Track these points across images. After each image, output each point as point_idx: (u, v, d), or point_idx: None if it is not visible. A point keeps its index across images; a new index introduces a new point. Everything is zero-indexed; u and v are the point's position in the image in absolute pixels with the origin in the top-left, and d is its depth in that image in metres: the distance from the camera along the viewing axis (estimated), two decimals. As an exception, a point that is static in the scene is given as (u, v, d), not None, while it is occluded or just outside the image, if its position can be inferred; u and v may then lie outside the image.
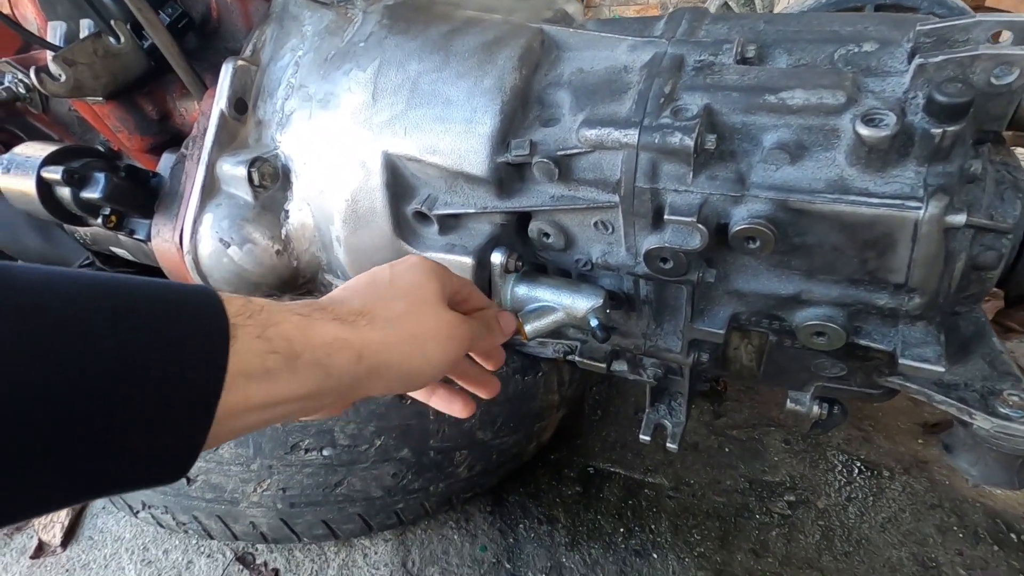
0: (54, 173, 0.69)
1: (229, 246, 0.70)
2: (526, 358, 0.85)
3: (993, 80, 0.48)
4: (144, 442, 0.28)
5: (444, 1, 0.73)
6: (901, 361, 0.58)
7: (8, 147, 1.12)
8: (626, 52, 0.64)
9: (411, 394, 0.52)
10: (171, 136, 0.92)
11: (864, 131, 0.49)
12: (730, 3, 2.58)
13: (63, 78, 0.73)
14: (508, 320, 0.56)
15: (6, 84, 1.02)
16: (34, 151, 0.73)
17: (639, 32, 0.68)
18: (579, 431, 1.11)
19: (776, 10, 2.15)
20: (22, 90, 1.02)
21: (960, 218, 0.49)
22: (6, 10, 1.14)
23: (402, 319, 0.41)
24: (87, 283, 0.28)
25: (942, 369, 0.56)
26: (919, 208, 0.49)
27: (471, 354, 0.56)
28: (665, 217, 0.57)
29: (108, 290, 0.28)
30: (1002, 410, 0.58)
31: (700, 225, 0.55)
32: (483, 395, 0.56)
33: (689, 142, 0.54)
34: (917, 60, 0.50)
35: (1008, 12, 0.54)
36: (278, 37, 0.74)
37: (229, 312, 0.31)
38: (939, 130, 0.48)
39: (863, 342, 0.61)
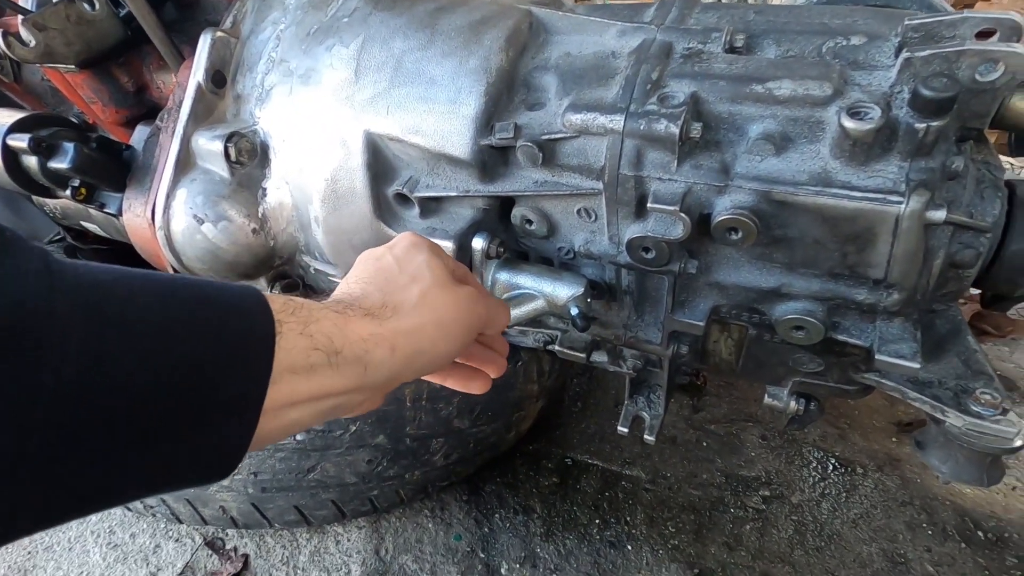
0: (20, 141, 0.66)
1: (203, 223, 0.68)
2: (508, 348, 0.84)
3: (978, 76, 0.48)
4: (199, 438, 0.29)
5: (432, -21, 0.72)
6: (877, 357, 0.58)
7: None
8: (615, 37, 0.63)
9: (427, 377, 0.52)
10: (147, 109, 0.89)
11: (849, 124, 0.49)
12: (723, 1, 2.59)
13: (33, 43, 0.70)
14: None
15: (-25, 50, 0.99)
16: (0, 118, 0.70)
17: (629, 18, 0.67)
18: (559, 422, 1.11)
19: (771, 1, 2.14)
20: (-8, 57, 0.98)
21: (940, 214, 0.49)
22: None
23: (423, 305, 0.42)
24: (150, 285, 0.30)
25: (917, 366, 0.56)
26: (900, 203, 0.49)
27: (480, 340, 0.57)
28: (648, 205, 0.56)
29: (165, 292, 0.30)
30: (974, 408, 0.58)
31: (683, 214, 0.55)
32: (492, 374, 0.57)
33: (675, 129, 0.53)
34: (904, 54, 0.50)
35: (997, 11, 0.54)
36: (259, 9, 0.72)
37: (273, 309, 0.32)
38: (923, 125, 0.48)
39: (841, 337, 0.61)
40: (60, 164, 0.67)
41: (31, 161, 0.68)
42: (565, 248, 0.70)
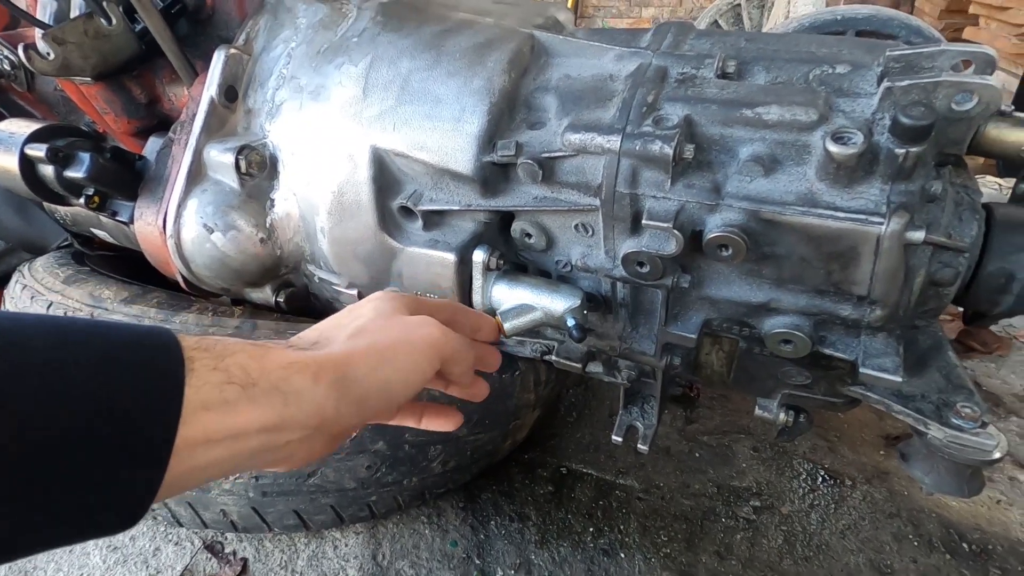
0: (38, 151, 0.68)
1: (213, 232, 0.70)
2: (503, 356, 0.86)
3: (954, 106, 0.51)
4: (103, 486, 0.26)
5: (439, 2, 0.75)
6: (862, 370, 0.60)
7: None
8: (612, 61, 0.66)
9: (401, 421, 0.51)
10: (158, 120, 0.92)
11: (833, 148, 0.51)
12: (719, 20, 2.64)
13: (51, 56, 0.73)
14: (489, 325, 0.53)
15: (-9, 60, 1.01)
16: (18, 127, 0.73)
17: (627, 43, 0.70)
18: (554, 432, 1.13)
19: (764, 29, 2.21)
20: (7, 67, 1.01)
21: (919, 235, 0.52)
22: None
23: (357, 334, 0.40)
24: (45, 326, 0.28)
25: (899, 379, 0.59)
26: (881, 223, 0.52)
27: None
28: (643, 222, 0.59)
29: (63, 334, 0.28)
30: (955, 421, 0.60)
31: (676, 231, 0.57)
32: (474, 400, 0.55)
33: (668, 150, 0.56)
34: (885, 83, 0.53)
35: (974, 43, 0.57)
36: (272, 28, 0.75)
37: (184, 346, 0.30)
38: (903, 151, 0.50)
39: (827, 351, 0.64)
40: (76, 173, 0.69)
41: (47, 170, 0.70)
42: (563, 261, 0.72)
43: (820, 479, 1.02)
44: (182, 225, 0.71)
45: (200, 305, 0.78)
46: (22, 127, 0.72)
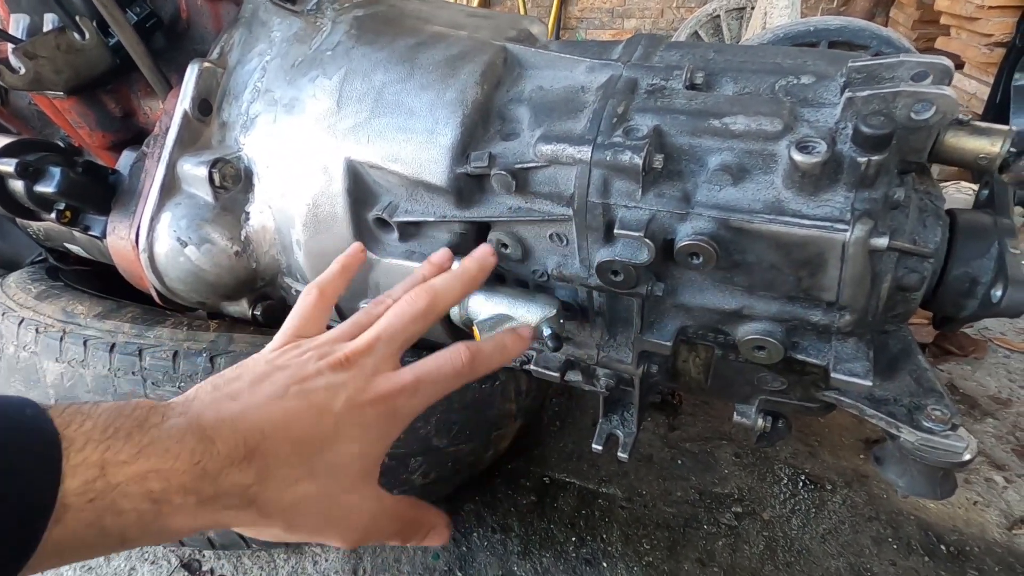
0: (7, 165, 0.68)
1: (186, 245, 0.70)
2: (483, 366, 0.86)
3: (913, 115, 0.52)
4: None
5: (413, 15, 0.75)
6: (833, 375, 0.61)
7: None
8: (584, 73, 0.67)
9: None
10: (133, 134, 0.91)
11: (798, 157, 0.52)
12: (699, 31, 2.68)
13: (22, 71, 0.72)
14: (440, 532, 0.45)
15: (-37, 74, 1.00)
16: (-16, 142, 0.72)
17: (599, 55, 0.71)
18: (537, 441, 1.13)
19: (743, 40, 2.25)
20: (-21, 81, 1.00)
21: (883, 241, 0.53)
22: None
23: (300, 507, 0.36)
24: None
25: (870, 383, 0.60)
26: (846, 230, 0.53)
27: None
28: (616, 231, 0.59)
29: None
30: (926, 424, 0.61)
31: (647, 240, 0.58)
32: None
33: (638, 160, 0.56)
34: (847, 93, 0.54)
35: (933, 54, 0.59)
36: (246, 41, 0.75)
37: (66, 489, 0.27)
38: (864, 159, 0.51)
39: (800, 356, 0.65)
40: (46, 188, 0.69)
41: (17, 185, 0.69)
42: (539, 271, 0.73)
43: (801, 484, 1.03)
44: (155, 239, 0.70)
45: (175, 320, 0.78)
46: (-12, 141, 0.72)
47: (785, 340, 0.64)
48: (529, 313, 0.69)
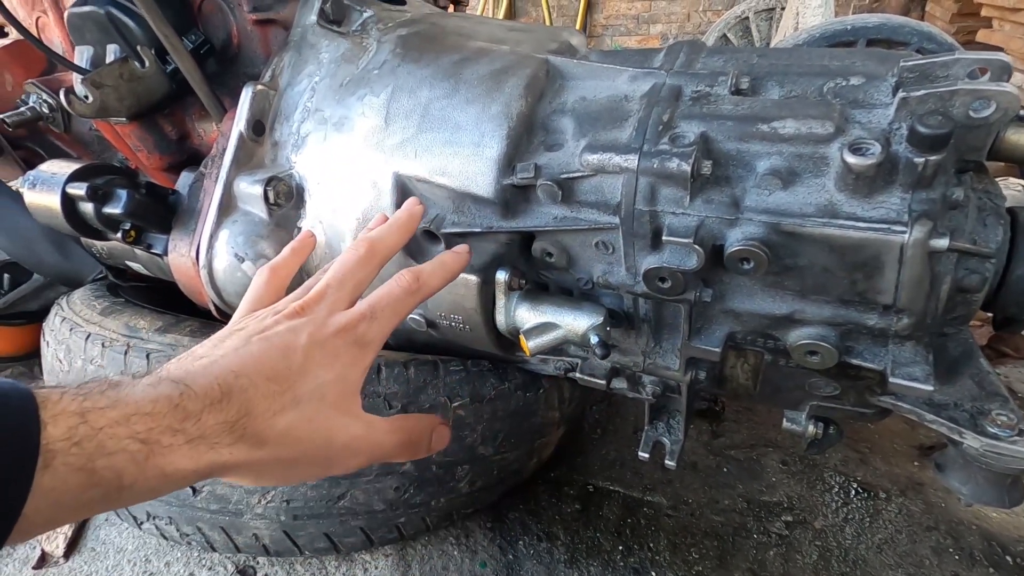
0: (78, 189, 0.72)
1: (243, 261, 0.72)
2: (527, 374, 0.87)
3: (971, 113, 0.51)
4: None
5: (455, 32, 0.77)
6: (891, 380, 0.60)
7: (29, 164, 1.17)
8: (627, 82, 0.68)
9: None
10: (188, 155, 0.95)
11: (851, 159, 0.52)
12: (728, 34, 2.66)
13: (90, 100, 0.76)
14: (441, 433, 0.47)
15: (31, 104, 1.07)
16: (59, 168, 0.76)
17: (640, 63, 0.72)
18: (579, 449, 1.13)
19: (772, 44, 2.23)
20: (46, 110, 1.06)
21: (943, 242, 0.52)
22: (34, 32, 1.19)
23: (292, 432, 0.37)
24: None
25: (930, 388, 0.58)
26: (904, 232, 0.52)
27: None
28: (663, 238, 0.60)
29: None
30: (991, 429, 0.59)
31: (696, 246, 0.58)
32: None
33: (686, 167, 0.56)
34: (900, 94, 0.54)
35: (988, 50, 0.58)
36: (296, 63, 0.78)
37: (49, 436, 0.28)
38: (921, 159, 0.51)
39: (855, 361, 0.63)
40: (114, 209, 0.72)
41: (87, 207, 0.73)
42: (584, 279, 0.73)
43: (853, 492, 1.00)
44: (214, 255, 0.73)
45: (231, 332, 0.80)
46: (62, 168, 0.76)
47: (839, 344, 0.63)
48: (575, 321, 0.69)
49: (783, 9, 2.51)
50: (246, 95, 0.74)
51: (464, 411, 0.82)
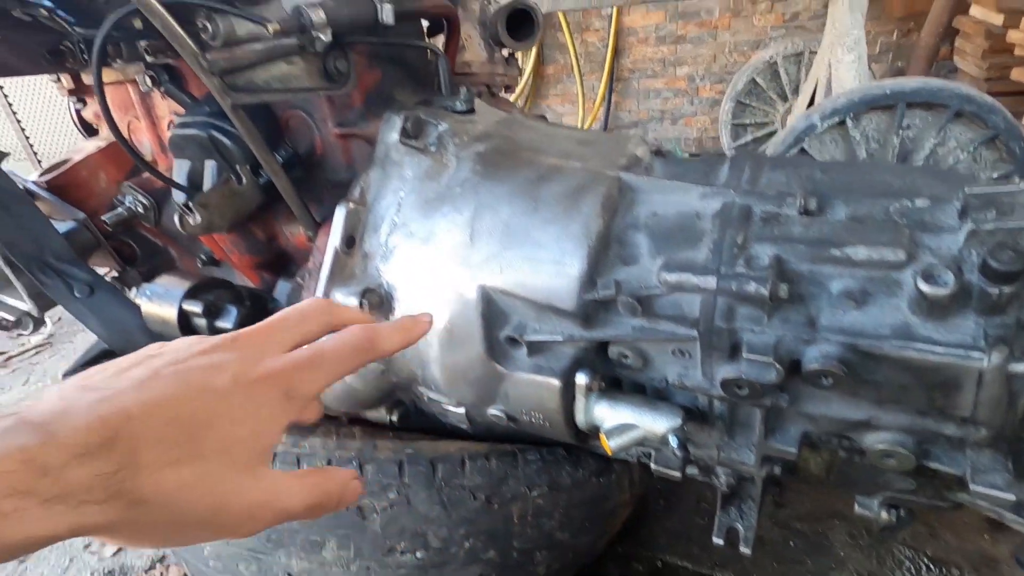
0: (195, 306, 0.79)
1: (341, 368, 0.78)
2: (600, 460, 0.91)
3: (1041, 247, 0.54)
4: None
5: (528, 147, 0.83)
6: (972, 487, 0.62)
7: (122, 254, 1.26)
8: (697, 199, 0.72)
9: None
10: (276, 255, 1.03)
11: (926, 288, 0.55)
12: (757, 79, 2.70)
13: (200, 220, 0.84)
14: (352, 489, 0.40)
15: (127, 204, 1.16)
16: (173, 285, 0.84)
17: (704, 177, 0.77)
18: (644, 520, 1.15)
19: (802, 92, 2.26)
20: (141, 209, 1.16)
21: (1021, 367, 0.54)
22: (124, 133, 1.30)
23: (181, 492, 0.31)
24: None
25: (1012, 497, 0.60)
26: (982, 358, 0.55)
27: None
28: (744, 355, 0.63)
29: None
30: (1074, 532, 0.61)
31: (776, 364, 0.62)
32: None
33: (765, 292, 0.61)
34: (970, 226, 0.57)
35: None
36: (381, 180, 0.85)
37: None
38: (995, 289, 0.54)
39: (932, 465, 0.66)
40: (225, 324, 0.79)
41: (201, 321, 0.80)
42: (658, 378, 0.77)
43: (924, 568, 1.00)
44: (314, 363, 0.79)
45: (324, 428, 0.86)
46: (175, 284, 0.84)
47: (916, 449, 0.65)
48: (655, 423, 0.73)
49: (812, 53, 2.56)
50: (340, 214, 0.81)
51: (543, 500, 0.86)
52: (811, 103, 2.28)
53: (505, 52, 1.28)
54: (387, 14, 0.83)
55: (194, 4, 0.77)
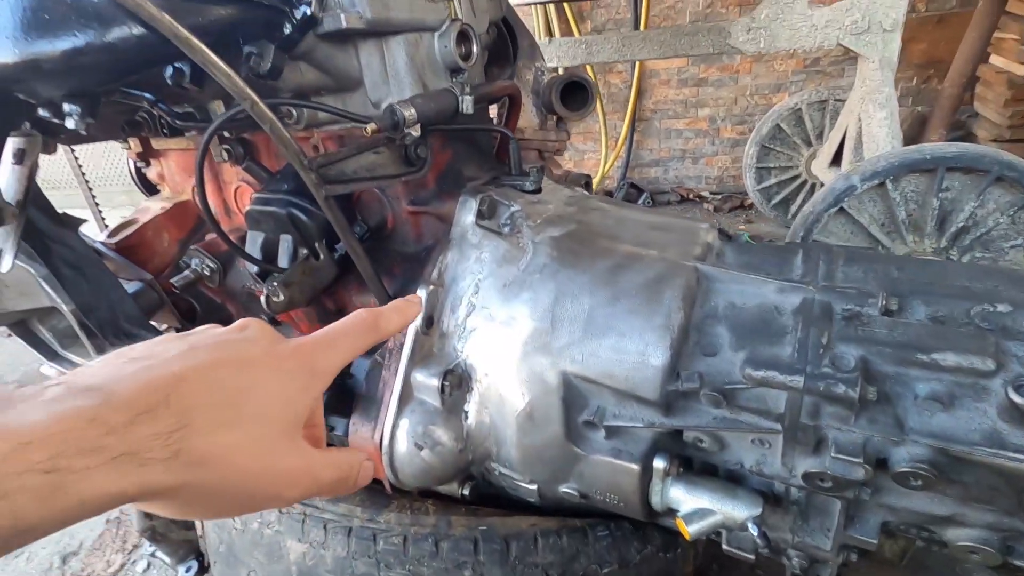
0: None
1: (422, 449, 0.80)
2: (668, 534, 0.92)
3: None
4: None
5: (602, 234, 0.86)
6: (1062, 590, 0.63)
7: (182, 312, 1.29)
8: (775, 293, 0.75)
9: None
10: (343, 323, 1.06)
11: (1018, 399, 0.57)
12: (781, 124, 2.75)
13: (282, 298, 0.87)
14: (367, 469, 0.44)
15: (193, 267, 1.20)
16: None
17: (777, 267, 0.79)
18: (697, 587, 1.15)
19: (828, 141, 2.29)
20: (207, 272, 1.19)
21: (1115, 480, 0.56)
22: (186, 195, 1.35)
23: (234, 452, 0.33)
24: None
25: (1105, 601, 0.61)
26: (1076, 470, 0.56)
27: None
28: (831, 455, 0.65)
29: None
30: None
31: (864, 465, 0.63)
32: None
33: (854, 395, 0.63)
34: (1058, 339, 0.59)
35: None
36: (458, 261, 0.88)
37: None
38: (1088, 404, 0.56)
39: (1018, 563, 0.67)
40: (310, 404, 0.82)
41: (286, 401, 0.83)
42: (733, 461, 0.79)
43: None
44: (396, 443, 0.81)
45: (398, 503, 0.88)
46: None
47: (1002, 547, 0.66)
48: (735, 510, 0.75)
49: (836, 101, 2.61)
50: (421, 295, 0.84)
51: (613, 577, 0.86)
52: (837, 153, 2.32)
53: (555, 118, 1.33)
54: (468, 105, 0.87)
55: (294, 104, 0.81)
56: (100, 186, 3.65)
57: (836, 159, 2.37)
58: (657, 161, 3.66)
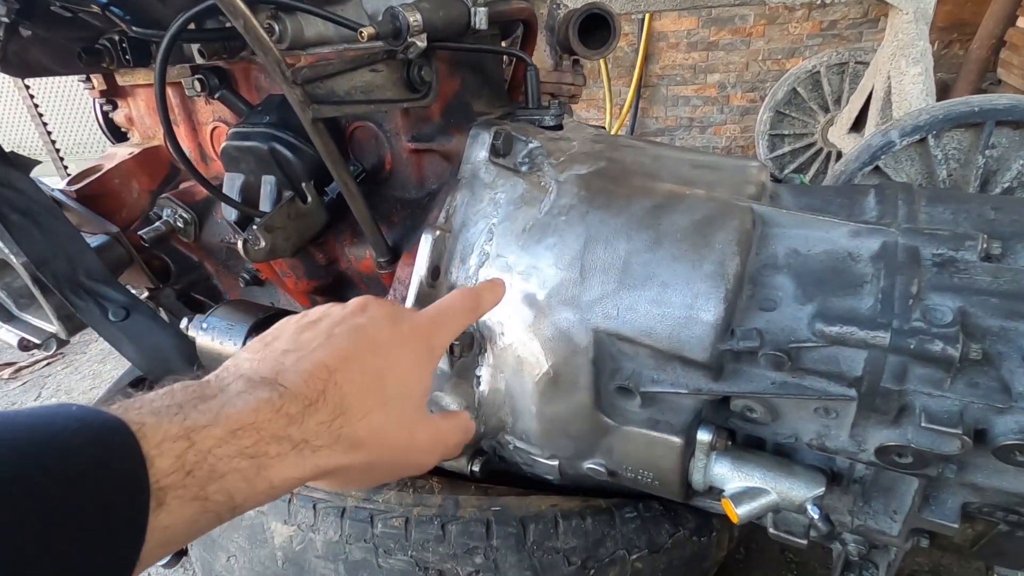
0: (262, 345, 0.70)
1: (428, 418, 0.69)
2: (701, 516, 0.82)
3: None
4: None
5: (638, 171, 0.74)
6: None
7: (154, 270, 1.16)
8: (847, 237, 0.63)
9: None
10: (334, 279, 0.94)
11: None
12: (798, 88, 2.62)
13: (263, 244, 0.75)
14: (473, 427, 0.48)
15: (165, 218, 1.07)
16: (233, 317, 0.75)
17: (847, 209, 0.68)
18: (726, 571, 1.06)
19: (848, 104, 2.15)
20: (180, 224, 1.06)
21: None
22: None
23: (383, 432, 0.36)
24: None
25: None
26: None
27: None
28: (921, 425, 0.55)
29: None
30: None
31: (964, 436, 0.53)
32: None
33: (954, 353, 0.52)
34: None
35: None
36: (469, 203, 0.75)
37: (159, 471, 0.26)
38: None
39: None
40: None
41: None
42: (786, 435, 0.68)
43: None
44: (396, 411, 0.70)
45: (400, 482, 0.77)
46: (236, 318, 0.75)
47: (1111, 534, 0.57)
48: (792, 490, 0.64)
49: (857, 64, 2.47)
50: (426, 242, 0.72)
51: (642, 563, 0.77)
52: (857, 119, 2.20)
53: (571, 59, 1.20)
54: (481, 18, 0.74)
55: (274, 2, 0.68)
56: (72, 154, 3.47)
57: (856, 125, 2.24)
58: (663, 130, 3.52)
